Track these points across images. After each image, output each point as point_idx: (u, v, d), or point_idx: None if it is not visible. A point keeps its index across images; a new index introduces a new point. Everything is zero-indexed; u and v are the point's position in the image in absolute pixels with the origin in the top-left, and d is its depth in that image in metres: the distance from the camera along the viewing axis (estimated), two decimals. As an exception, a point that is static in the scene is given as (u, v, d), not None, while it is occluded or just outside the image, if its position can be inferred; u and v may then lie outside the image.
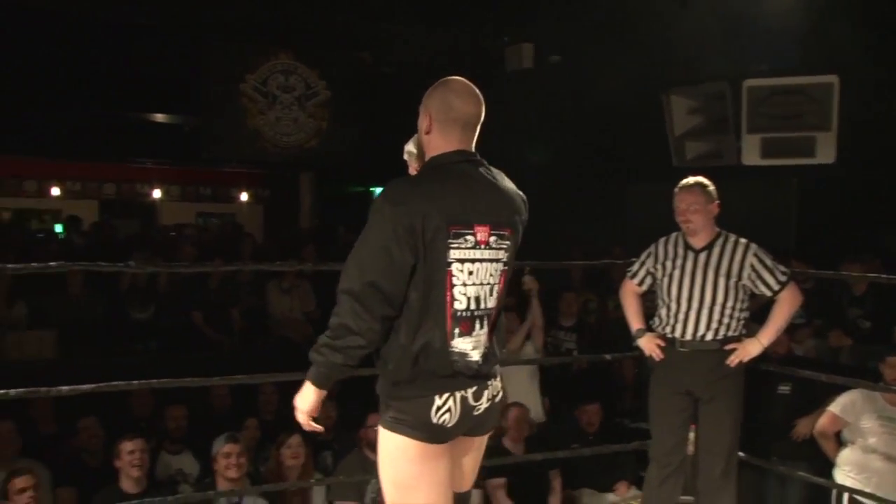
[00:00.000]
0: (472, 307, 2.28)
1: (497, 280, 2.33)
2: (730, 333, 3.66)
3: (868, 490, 4.10)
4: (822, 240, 6.47)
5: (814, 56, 6.29)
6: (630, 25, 6.75)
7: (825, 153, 6.32)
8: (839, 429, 4.44)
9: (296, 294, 7.35)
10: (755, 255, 3.62)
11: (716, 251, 3.66)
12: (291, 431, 4.39)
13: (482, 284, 2.29)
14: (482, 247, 2.27)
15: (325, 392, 2.29)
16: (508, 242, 2.34)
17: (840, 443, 4.46)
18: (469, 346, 2.28)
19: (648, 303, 4.02)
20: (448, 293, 2.23)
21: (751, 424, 4.02)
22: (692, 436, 3.84)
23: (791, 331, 4.80)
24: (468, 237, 2.24)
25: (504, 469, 4.78)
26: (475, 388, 2.32)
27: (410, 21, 7.60)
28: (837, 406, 4.39)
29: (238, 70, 8.71)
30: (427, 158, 2.35)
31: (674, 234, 3.81)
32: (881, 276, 4.72)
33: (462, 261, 2.24)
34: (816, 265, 4.84)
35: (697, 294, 3.65)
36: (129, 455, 4.23)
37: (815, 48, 6.20)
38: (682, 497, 3.91)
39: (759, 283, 3.62)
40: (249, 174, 14.33)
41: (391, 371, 2.26)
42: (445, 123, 2.29)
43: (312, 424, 2.34)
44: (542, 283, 5.69)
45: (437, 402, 2.25)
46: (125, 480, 4.25)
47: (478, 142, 2.36)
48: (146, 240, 9.99)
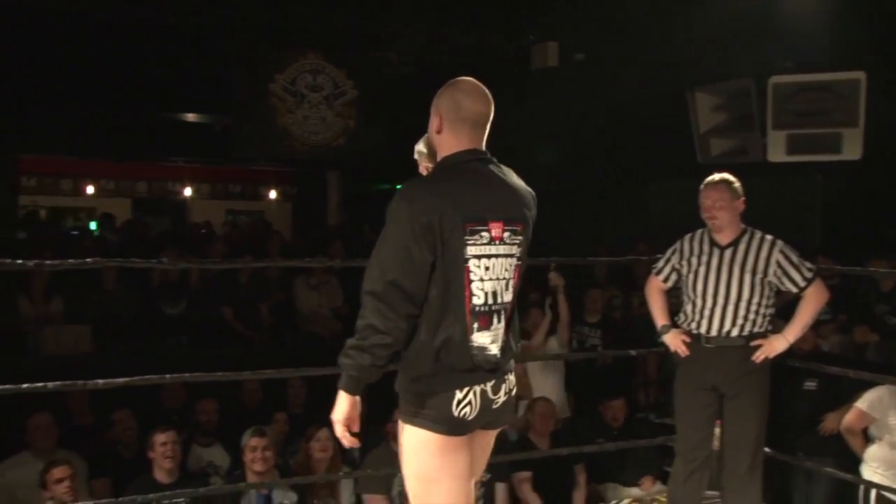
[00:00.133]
0: (490, 302, 2.32)
1: (511, 275, 2.37)
2: (755, 330, 3.63)
3: (896, 486, 4.09)
4: (848, 236, 6.41)
5: (840, 52, 6.22)
6: (655, 23, 6.74)
7: (851, 149, 6.27)
8: (866, 425, 4.42)
9: (323, 290, 7.41)
10: (781, 252, 3.61)
11: (741, 247, 3.64)
12: (320, 425, 4.43)
13: (498, 279, 2.33)
14: (497, 242, 2.31)
15: (358, 399, 2.29)
16: (521, 237, 2.39)
17: (867, 439, 4.44)
18: (488, 340, 2.32)
19: (674, 299, 4.00)
20: (466, 289, 2.27)
21: (777, 420, 4.00)
22: (718, 431, 3.81)
23: (816, 327, 4.77)
24: (483, 233, 2.28)
25: (530, 463, 4.83)
26: (493, 382, 2.36)
27: (436, 21, 7.65)
28: (865, 402, 4.36)
29: (267, 70, 8.77)
30: (439, 158, 2.38)
31: (699, 231, 3.79)
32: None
33: (479, 257, 2.28)
34: (842, 261, 4.82)
35: (723, 290, 3.63)
36: (162, 447, 4.31)
37: (842, 44, 6.14)
38: (708, 492, 3.89)
39: (786, 280, 3.60)
40: (278, 172, 14.41)
41: (412, 367, 2.29)
42: (456, 122, 2.33)
43: (349, 437, 2.33)
44: (567, 280, 5.71)
45: (458, 396, 2.29)
46: (158, 471, 4.33)
47: (503, 140, 2.40)
48: (177, 237, 10.10)
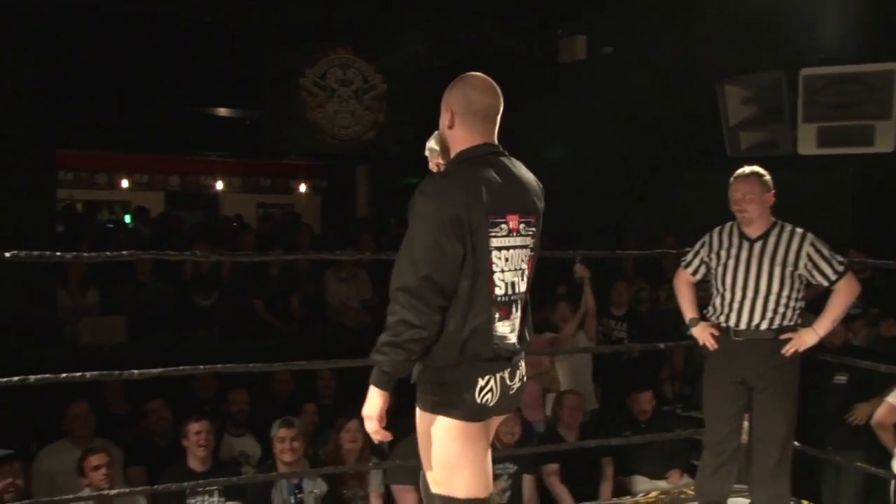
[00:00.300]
0: (509, 292, 2.37)
1: (526, 265, 2.43)
2: (785, 323, 3.60)
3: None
4: (880, 229, 6.33)
5: (872, 44, 6.14)
6: (684, 16, 6.69)
7: (884, 142, 6.19)
8: (897, 419, 4.40)
9: (353, 283, 7.48)
10: (812, 245, 3.57)
11: (771, 241, 3.61)
12: (350, 416, 4.48)
13: (515, 270, 2.38)
14: (514, 234, 2.36)
15: (389, 394, 2.33)
16: (534, 229, 2.44)
17: (898, 433, 4.43)
18: (507, 330, 2.37)
19: (702, 292, 3.98)
20: (490, 280, 2.31)
21: (806, 414, 3.98)
22: (746, 425, 3.80)
23: (847, 321, 4.73)
24: (503, 225, 2.32)
25: (558, 455, 4.85)
26: (510, 370, 2.40)
27: (464, 15, 7.65)
28: (895, 396, 4.35)
29: (298, 65, 8.84)
30: (453, 153, 2.41)
31: (728, 224, 3.76)
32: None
33: (499, 248, 2.32)
34: (874, 255, 4.77)
35: (752, 283, 3.60)
36: (196, 435, 4.39)
37: (874, 36, 6.06)
38: (736, 485, 3.88)
39: (816, 273, 3.56)
40: (308, 166, 14.52)
41: (437, 358, 2.31)
42: (468, 117, 2.37)
43: (382, 432, 2.37)
44: (594, 273, 5.71)
45: (480, 383, 2.33)
46: (192, 460, 4.41)
47: (532, 133, 2.43)
48: (209, 230, 10.23)
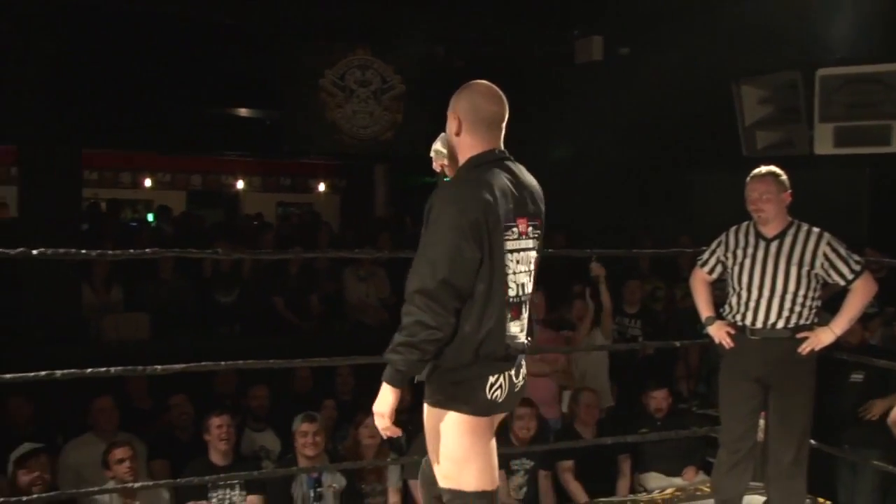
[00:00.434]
0: (520, 293, 2.45)
1: (532, 267, 2.51)
2: (801, 322, 3.60)
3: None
4: (897, 229, 6.33)
5: (889, 44, 6.09)
6: (700, 16, 6.67)
7: (901, 142, 6.18)
8: (913, 418, 4.39)
9: (371, 281, 7.55)
10: (828, 244, 3.57)
11: (788, 240, 3.62)
12: (368, 412, 4.53)
13: (524, 272, 2.46)
14: (523, 237, 2.44)
15: (400, 392, 2.37)
16: (539, 232, 2.52)
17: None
18: (518, 330, 2.45)
19: (718, 291, 4.01)
20: (505, 282, 2.38)
21: (823, 412, 3.99)
22: (762, 422, 3.80)
23: (864, 320, 4.73)
24: (514, 229, 2.40)
25: (574, 452, 4.89)
26: (516, 367, 2.47)
27: (481, 15, 7.68)
28: (911, 396, 4.36)
29: (317, 66, 8.89)
30: (462, 159, 2.48)
31: (745, 223, 3.77)
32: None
33: (512, 251, 2.40)
34: (890, 254, 4.76)
35: (769, 282, 3.61)
36: (218, 430, 4.47)
37: (891, 35, 6.02)
38: (752, 483, 3.89)
39: (833, 273, 3.57)
40: (327, 165, 14.61)
41: (451, 358, 2.35)
42: (475, 124, 2.44)
43: (392, 428, 2.41)
44: (610, 271, 5.75)
45: (491, 380, 2.39)
46: (214, 453, 4.48)
47: (548, 134, 2.48)
48: (230, 228, 10.34)
